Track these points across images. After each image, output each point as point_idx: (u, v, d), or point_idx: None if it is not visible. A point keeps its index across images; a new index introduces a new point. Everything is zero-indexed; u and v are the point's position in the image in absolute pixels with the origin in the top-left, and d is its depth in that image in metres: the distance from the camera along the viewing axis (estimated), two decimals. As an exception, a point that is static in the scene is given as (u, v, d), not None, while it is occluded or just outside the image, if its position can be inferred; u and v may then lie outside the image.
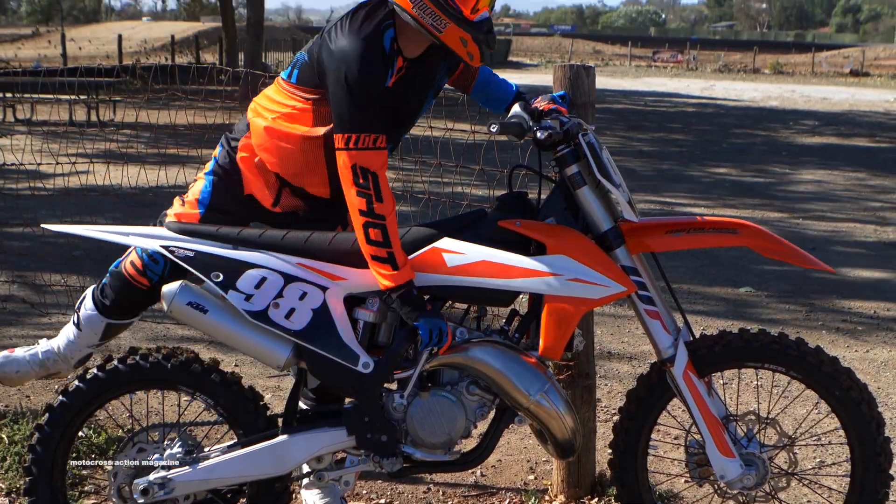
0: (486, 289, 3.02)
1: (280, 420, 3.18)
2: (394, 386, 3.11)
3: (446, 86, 3.44)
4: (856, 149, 17.19)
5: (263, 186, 3.28)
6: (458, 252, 3.02)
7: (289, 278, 3.04)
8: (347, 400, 3.14)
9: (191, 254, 3.09)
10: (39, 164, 5.97)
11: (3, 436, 4.17)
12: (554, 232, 3.05)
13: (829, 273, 6.90)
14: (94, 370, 3.13)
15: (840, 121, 23.23)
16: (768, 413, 3.29)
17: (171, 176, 5.95)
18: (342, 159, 2.97)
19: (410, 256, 3.02)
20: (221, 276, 3.04)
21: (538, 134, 3.00)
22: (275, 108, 3.20)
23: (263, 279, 3.04)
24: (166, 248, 3.10)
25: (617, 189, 3.05)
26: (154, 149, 7.61)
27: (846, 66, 53.83)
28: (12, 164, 5.91)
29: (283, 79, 3.23)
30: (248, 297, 3.03)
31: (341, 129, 2.98)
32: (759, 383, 4.05)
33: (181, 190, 3.44)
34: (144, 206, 7.04)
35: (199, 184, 3.32)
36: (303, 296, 3.03)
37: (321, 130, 3.12)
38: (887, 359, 5.73)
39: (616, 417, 3.38)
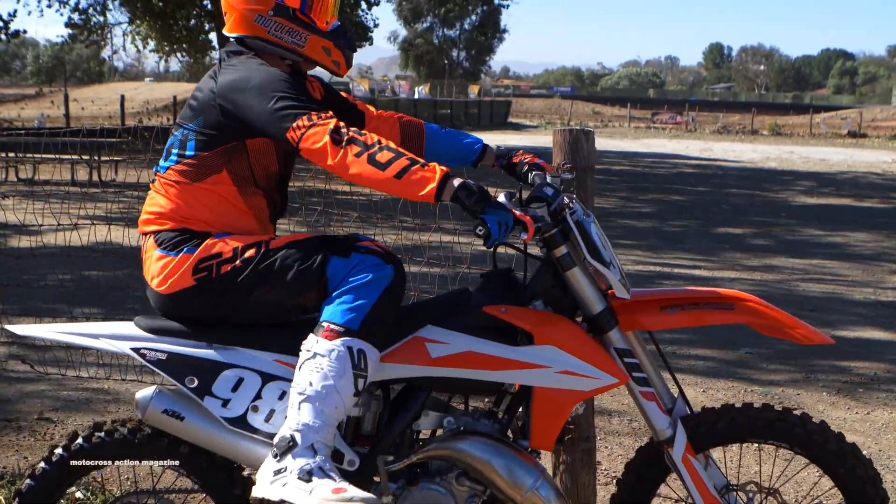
0: (472, 380, 2.91)
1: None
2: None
3: None
4: (854, 209, 17.27)
5: None
6: (441, 342, 2.88)
7: (266, 377, 2.90)
8: None
9: (163, 356, 2.95)
10: (41, 225, 6.00)
11: (1, 497, 4.15)
12: (541, 320, 2.93)
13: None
14: (60, 450, 3.04)
15: (838, 182, 23.34)
16: (770, 482, 3.19)
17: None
18: (310, 144, 2.70)
19: (392, 347, 2.90)
20: (196, 381, 2.91)
21: (539, 228, 2.83)
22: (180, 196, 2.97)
23: (240, 380, 2.91)
24: (136, 350, 2.97)
25: (608, 269, 2.92)
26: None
27: (844, 127, 54.22)
28: (14, 224, 5.93)
29: (171, 168, 2.99)
30: (226, 403, 2.90)
31: (286, 124, 2.73)
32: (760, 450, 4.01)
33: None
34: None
35: None
36: (282, 395, 2.88)
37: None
38: (888, 420, 5.71)
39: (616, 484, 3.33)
